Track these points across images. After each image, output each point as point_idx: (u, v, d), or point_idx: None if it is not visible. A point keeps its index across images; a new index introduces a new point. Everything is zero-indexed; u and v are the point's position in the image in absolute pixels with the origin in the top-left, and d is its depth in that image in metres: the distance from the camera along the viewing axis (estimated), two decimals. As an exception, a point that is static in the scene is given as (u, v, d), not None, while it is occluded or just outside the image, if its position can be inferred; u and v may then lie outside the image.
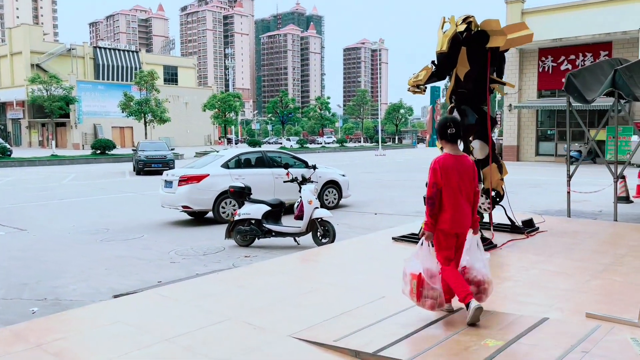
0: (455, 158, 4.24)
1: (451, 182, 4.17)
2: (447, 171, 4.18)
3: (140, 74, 41.05)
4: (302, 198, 8.24)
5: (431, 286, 4.13)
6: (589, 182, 17.57)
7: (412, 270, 4.22)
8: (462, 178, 4.21)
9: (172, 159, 26.79)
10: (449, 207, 4.18)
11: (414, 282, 4.19)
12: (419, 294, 4.17)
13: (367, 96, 60.06)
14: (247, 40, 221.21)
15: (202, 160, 12.34)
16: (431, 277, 4.14)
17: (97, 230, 10.88)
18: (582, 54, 27.72)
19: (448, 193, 4.18)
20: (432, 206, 4.22)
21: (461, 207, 4.20)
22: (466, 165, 4.25)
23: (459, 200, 4.19)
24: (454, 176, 4.18)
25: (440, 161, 4.20)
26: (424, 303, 4.20)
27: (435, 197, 4.20)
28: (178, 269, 7.15)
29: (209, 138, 74.61)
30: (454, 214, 4.18)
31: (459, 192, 4.20)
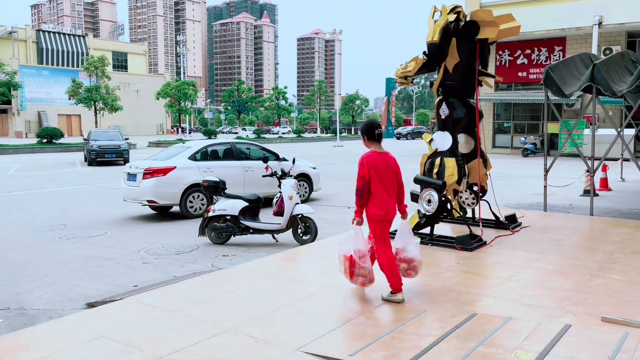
0: (381, 155, 4.72)
1: (378, 176, 4.63)
2: (374, 166, 4.63)
3: (89, 59, 39.20)
4: (282, 193, 7.85)
5: (361, 265, 4.68)
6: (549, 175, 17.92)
7: (345, 252, 4.76)
8: (387, 172, 4.69)
9: (126, 149, 25.71)
10: (378, 198, 4.64)
11: (346, 262, 4.74)
12: (352, 272, 4.72)
13: (324, 86, 59.69)
14: (200, 27, 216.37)
15: (167, 151, 11.71)
16: (361, 257, 4.68)
17: (53, 226, 10.15)
18: (537, 49, 28.34)
19: (376, 186, 4.63)
20: (360, 197, 4.66)
21: (387, 198, 4.68)
22: (390, 161, 4.75)
23: (385, 192, 4.67)
24: (380, 171, 4.64)
25: (367, 157, 4.64)
26: (356, 281, 4.76)
27: (364, 189, 4.62)
28: (153, 271, 6.65)
29: (161, 127, 72.58)
30: (383, 204, 4.65)
31: (384, 184, 4.67)
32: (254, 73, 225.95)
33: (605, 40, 25.96)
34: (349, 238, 4.76)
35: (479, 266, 5.86)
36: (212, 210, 8.14)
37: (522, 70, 28.92)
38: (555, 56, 27.85)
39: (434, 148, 7.11)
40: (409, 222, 7.07)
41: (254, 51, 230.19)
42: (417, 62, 6.95)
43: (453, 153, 6.97)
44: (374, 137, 4.77)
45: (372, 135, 4.77)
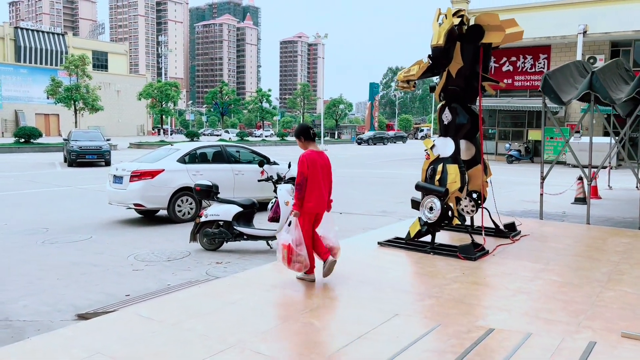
0: (318, 154, 5.26)
1: (315, 172, 5.16)
2: (312, 164, 5.15)
3: (70, 58, 38.42)
4: (278, 198, 7.60)
5: (298, 253, 5.12)
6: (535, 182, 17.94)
7: (283, 242, 5.22)
8: (323, 170, 5.25)
9: (108, 150, 25.16)
10: (312, 192, 5.16)
11: (284, 251, 5.17)
12: (290, 260, 5.16)
13: (308, 90, 59.46)
14: (182, 28, 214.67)
15: (154, 153, 11.37)
16: (297, 245, 5.13)
17: (34, 230, 9.76)
18: (522, 56, 28.55)
19: (313, 181, 5.15)
20: (300, 191, 5.14)
21: (322, 193, 5.23)
22: (325, 160, 5.33)
23: (320, 187, 5.21)
24: (317, 168, 5.17)
25: (307, 156, 5.17)
26: (293, 267, 5.23)
27: (303, 184, 5.13)
28: (144, 278, 6.35)
29: (141, 128, 71.60)
30: (317, 198, 5.19)
31: (321, 180, 5.21)
32: (236, 75, 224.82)
33: (589, 49, 26.28)
34: (287, 229, 5.22)
35: (486, 277, 5.70)
36: (205, 215, 7.86)
37: (507, 77, 29.08)
38: (540, 64, 28.09)
39: (435, 154, 6.95)
40: (411, 229, 6.93)
41: (236, 53, 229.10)
42: (421, 66, 6.79)
43: (455, 159, 6.82)
44: (310, 137, 5.33)
45: (308, 136, 5.32)
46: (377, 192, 15.31)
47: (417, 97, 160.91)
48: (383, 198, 13.95)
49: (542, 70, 28.09)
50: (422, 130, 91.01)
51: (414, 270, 5.98)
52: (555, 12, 27.41)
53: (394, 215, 11.06)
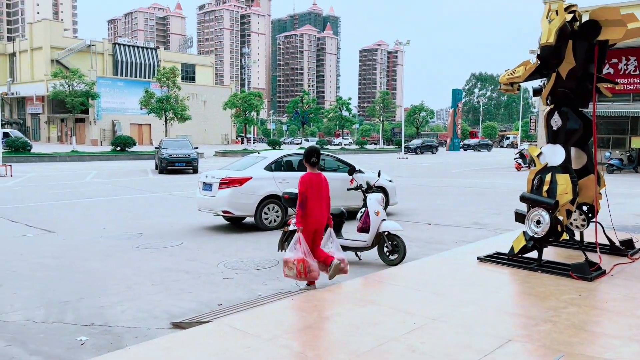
0: (316, 175, 5.87)
1: (314, 192, 5.76)
2: (312, 185, 5.75)
3: (161, 70, 40.42)
4: (368, 208, 7.33)
5: (311, 263, 5.64)
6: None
7: (297, 257, 5.62)
8: (320, 189, 5.82)
9: (196, 158, 26.05)
10: (312, 210, 5.75)
11: (300, 264, 5.59)
12: (306, 271, 5.61)
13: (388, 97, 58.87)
14: (264, 40, 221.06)
15: (242, 161, 11.48)
16: (308, 256, 5.63)
17: (130, 234, 10.09)
18: (625, 58, 26.51)
19: (313, 200, 5.75)
20: (303, 209, 5.73)
21: (321, 210, 5.82)
22: (323, 181, 5.89)
23: (320, 205, 5.81)
24: (316, 188, 5.77)
25: (306, 177, 5.79)
26: (310, 277, 5.71)
27: (305, 203, 5.71)
28: (235, 287, 6.27)
29: (226, 137, 74.03)
30: (316, 215, 5.77)
31: (320, 199, 5.81)
32: (315, 85, 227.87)
33: (702, 48, 23.93)
34: (294, 245, 5.70)
35: (607, 300, 5.09)
36: (293, 224, 7.72)
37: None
38: (645, 65, 25.94)
39: (543, 163, 6.37)
40: (514, 244, 6.39)
41: (316, 63, 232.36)
42: (528, 67, 6.27)
43: (566, 168, 6.21)
44: (310, 162, 5.91)
45: (309, 161, 5.92)
46: (466, 202, 14.62)
47: (502, 104, 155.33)
48: (474, 209, 13.27)
49: (646, 72, 25.93)
50: (509, 138, 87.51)
51: (522, 289, 5.46)
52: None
53: (488, 228, 10.43)
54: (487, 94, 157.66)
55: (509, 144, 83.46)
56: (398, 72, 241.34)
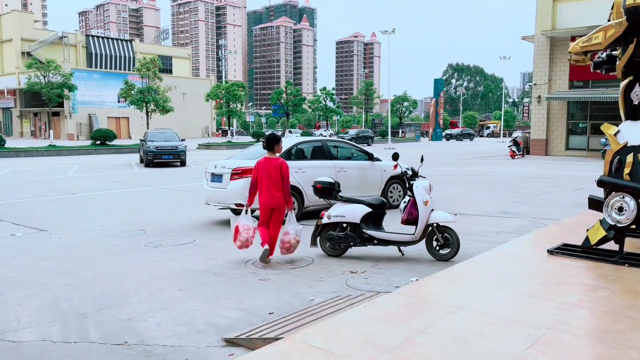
0: (268, 160, 6.63)
1: (263, 175, 6.54)
2: (260, 168, 6.59)
3: (142, 60, 38.95)
4: (415, 197, 6.55)
5: (242, 234, 6.51)
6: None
7: (235, 223, 6.64)
8: (270, 172, 6.53)
9: (183, 150, 24.94)
10: (262, 191, 6.54)
11: (233, 230, 6.60)
12: (235, 237, 6.59)
13: (371, 88, 58.16)
14: (240, 31, 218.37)
15: (251, 150, 10.58)
16: (245, 229, 6.53)
17: (132, 232, 9.16)
18: (618, 43, 26.18)
19: (261, 182, 6.55)
20: (252, 190, 6.66)
21: (270, 191, 6.51)
22: (273, 164, 6.60)
23: (268, 187, 6.52)
24: (264, 171, 6.54)
25: (258, 162, 6.70)
26: (237, 244, 6.60)
27: (253, 184, 6.64)
28: (278, 291, 5.43)
29: (206, 130, 72.54)
30: (266, 195, 6.52)
31: (268, 181, 6.52)
32: (293, 77, 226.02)
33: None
34: (242, 216, 6.68)
35: None
36: (328, 216, 6.91)
37: (600, 67, 26.78)
38: (639, 50, 25.63)
39: (622, 142, 5.67)
40: (590, 234, 5.69)
41: (293, 55, 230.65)
42: (611, 33, 5.54)
43: (650, 148, 5.52)
44: (267, 146, 6.78)
45: (266, 145, 6.79)
46: (479, 191, 13.97)
47: (479, 94, 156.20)
48: (491, 197, 12.63)
49: (641, 57, 25.64)
50: (489, 127, 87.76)
51: (623, 287, 4.73)
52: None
53: (521, 217, 9.75)
54: (464, 85, 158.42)
55: (489, 134, 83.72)
56: (375, 63, 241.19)
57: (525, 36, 29.48)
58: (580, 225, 7.07)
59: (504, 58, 60.37)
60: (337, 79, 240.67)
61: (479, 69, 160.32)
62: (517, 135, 29.00)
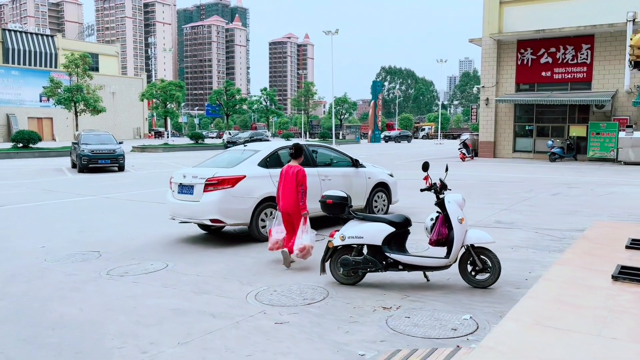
0: (289, 167, 6.88)
1: (286, 180, 6.81)
2: (283, 175, 6.92)
3: (70, 57, 35.97)
4: (449, 214, 5.58)
5: (274, 236, 6.88)
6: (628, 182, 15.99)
7: (269, 228, 7.06)
8: (285, 180, 6.80)
9: (122, 154, 22.95)
10: (279, 196, 6.91)
11: (268, 234, 7.01)
12: (269, 240, 6.93)
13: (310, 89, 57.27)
14: (170, 30, 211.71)
15: (225, 156, 9.26)
16: (277, 232, 6.88)
17: (84, 254, 7.69)
18: (563, 47, 26.77)
19: (283, 187, 6.86)
20: (278, 195, 6.94)
21: (286, 196, 6.77)
22: (292, 171, 6.78)
23: (285, 192, 6.79)
24: (284, 177, 6.87)
25: (283, 168, 7.00)
26: (269, 246, 6.93)
27: (278, 190, 6.99)
28: (308, 340, 4.27)
29: (138, 131, 69.03)
30: (282, 200, 6.82)
31: (285, 187, 6.78)
32: (225, 77, 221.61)
33: (637, 38, 24.48)
34: (275, 218, 7.06)
35: None
36: (341, 237, 5.81)
37: (546, 70, 27.31)
38: (583, 55, 26.33)
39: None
40: None
41: (225, 55, 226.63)
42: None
43: None
44: (291, 155, 7.00)
45: (291, 154, 7.01)
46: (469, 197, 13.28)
47: (411, 97, 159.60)
48: (474, 205, 11.96)
49: (584, 62, 26.35)
50: (424, 129, 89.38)
51: None
52: (599, 0, 25.66)
53: (519, 227, 9.06)
54: (397, 87, 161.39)
55: (425, 135, 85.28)
56: (309, 65, 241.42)
57: (473, 39, 29.61)
58: (611, 240, 6.38)
59: (441, 61, 61.38)
60: (270, 80, 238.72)
61: (411, 72, 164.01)
62: (466, 137, 29.03)
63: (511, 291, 5.47)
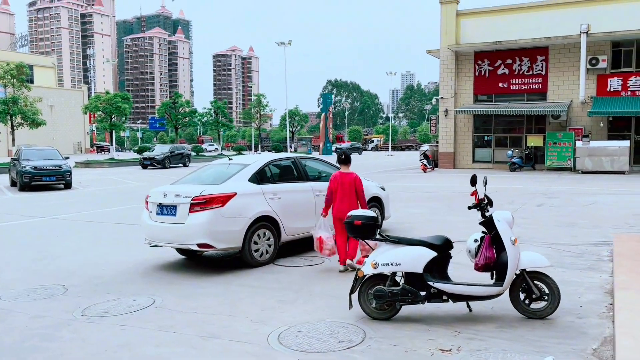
0: (342, 174, 7.10)
1: (344, 187, 6.99)
2: (341, 180, 7.02)
3: (5, 67, 33.44)
4: (501, 234, 4.86)
5: (327, 243, 7.00)
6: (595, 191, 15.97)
7: (316, 236, 7.08)
8: (344, 185, 6.98)
9: (69, 170, 21.19)
10: (336, 202, 7.02)
11: (317, 242, 7.06)
12: (321, 248, 7.02)
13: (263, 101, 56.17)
14: (109, 41, 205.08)
15: (209, 171, 8.21)
16: (327, 238, 7.01)
17: (46, 289, 6.56)
18: (518, 58, 27.14)
19: (340, 194, 6.98)
20: (328, 202, 7.16)
21: (343, 202, 6.94)
22: (348, 178, 7.04)
23: (342, 198, 6.96)
24: (339, 184, 7.01)
25: (337, 176, 7.12)
26: (324, 253, 7.06)
27: (329, 199, 7.14)
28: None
29: (79, 146, 65.60)
30: (338, 206, 6.95)
31: (342, 193, 6.98)
32: (168, 89, 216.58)
33: (589, 50, 25.17)
34: (318, 226, 7.15)
35: None
36: (373, 264, 4.96)
37: (503, 81, 27.60)
38: (538, 66, 26.77)
39: None
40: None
41: (168, 67, 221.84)
42: None
43: None
44: (341, 161, 7.22)
45: (340, 161, 7.24)
46: (437, 209, 12.77)
47: (357, 110, 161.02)
48: (460, 218, 11.41)
49: (540, 73, 26.80)
50: (373, 141, 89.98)
51: None
52: (554, 12, 26.25)
53: (526, 243, 8.51)
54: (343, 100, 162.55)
55: (374, 147, 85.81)
56: (254, 77, 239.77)
57: (431, 50, 29.64)
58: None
59: (390, 74, 61.90)
60: (215, 93, 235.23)
61: (356, 85, 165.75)
62: (426, 148, 28.89)
63: (574, 322, 4.79)
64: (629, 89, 25.10)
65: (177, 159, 36.00)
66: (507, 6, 27.72)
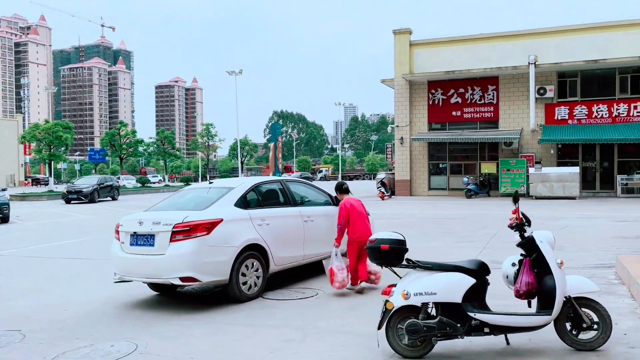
0: (349, 199, 7.21)
1: (356, 210, 7.03)
2: (352, 207, 7.05)
3: None
4: (546, 257, 4.38)
5: (337, 275, 6.76)
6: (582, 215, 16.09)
7: (328, 267, 6.89)
8: (354, 208, 7.02)
9: (6, 203, 19.56)
10: (355, 225, 6.96)
11: (329, 273, 6.84)
12: (332, 280, 6.79)
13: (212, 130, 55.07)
14: (45, 71, 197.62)
15: (188, 196, 7.39)
16: (339, 270, 6.79)
17: (1, 335, 5.50)
18: (470, 88, 27.73)
19: (354, 217, 6.99)
20: (341, 232, 7.02)
21: (364, 223, 7.02)
22: (355, 201, 7.20)
23: (363, 220, 7.03)
24: (355, 208, 7.05)
25: (346, 202, 7.13)
26: (335, 285, 6.77)
27: (344, 225, 7.02)
28: None
29: (12, 178, 61.76)
30: (359, 229, 6.93)
31: (360, 217, 7.01)
32: (108, 121, 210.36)
33: (537, 80, 26.04)
34: (332, 257, 6.91)
35: None
36: (404, 294, 4.35)
37: (456, 110, 28.07)
38: (489, 95, 27.44)
39: None
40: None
41: (108, 98, 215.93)
42: None
43: None
44: (343, 191, 7.46)
45: (342, 191, 7.47)
46: (429, 234, 12.35)
47: (303, 141, 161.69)
48: (445, 243, 11.05)
49: (491, 101, 27.47)
50: (321, 171, 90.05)
51: None
52: (504, 44, 27.09)
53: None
54: (289, 131, 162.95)
55: (322, 177, 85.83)
56: (197, 108, 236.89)
57: (385, 79, 29.87)
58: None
59: (339, 104, 62.44)
60: (157, 124, 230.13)
61: (302, 116, 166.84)
62: (383, 176, 28.79)
63: (628, 352, 4.34)
64: (575, 118, 26.07)
65: (105, 192, 32.36)
66: (459, 37, 28.44)
